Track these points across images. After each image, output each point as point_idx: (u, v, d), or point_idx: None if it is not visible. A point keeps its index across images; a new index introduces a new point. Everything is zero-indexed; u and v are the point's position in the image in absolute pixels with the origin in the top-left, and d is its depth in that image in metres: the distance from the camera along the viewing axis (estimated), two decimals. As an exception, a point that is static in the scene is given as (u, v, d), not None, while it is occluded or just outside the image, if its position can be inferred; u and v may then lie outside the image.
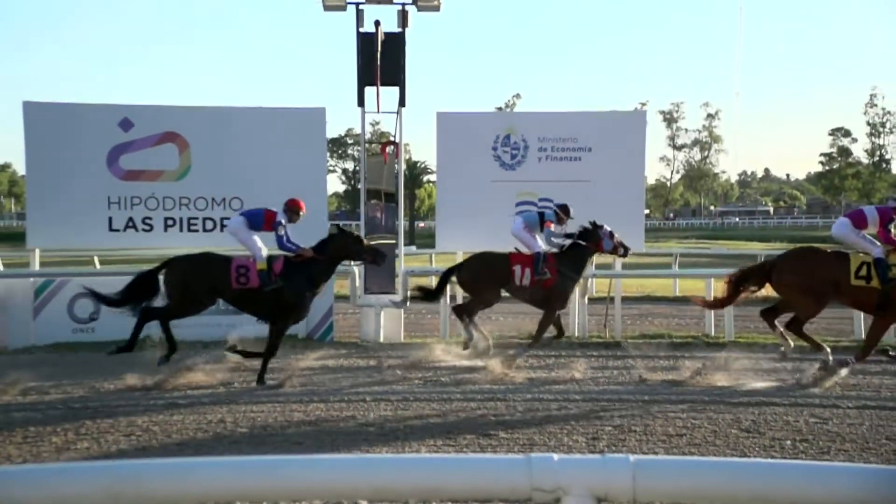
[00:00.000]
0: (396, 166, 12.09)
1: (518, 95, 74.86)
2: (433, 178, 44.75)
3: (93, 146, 11.43)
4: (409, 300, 10.78)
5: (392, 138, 12.85)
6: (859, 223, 8.45)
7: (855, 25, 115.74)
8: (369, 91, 11.61)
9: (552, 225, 9.85)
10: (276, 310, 8.62)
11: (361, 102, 11.68)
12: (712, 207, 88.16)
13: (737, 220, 77.94)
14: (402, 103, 11.72)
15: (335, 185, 76.67)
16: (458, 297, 11.56)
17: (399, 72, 11.59)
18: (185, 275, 8.63)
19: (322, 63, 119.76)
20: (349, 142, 72.03)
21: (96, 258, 18.39)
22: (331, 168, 70.69)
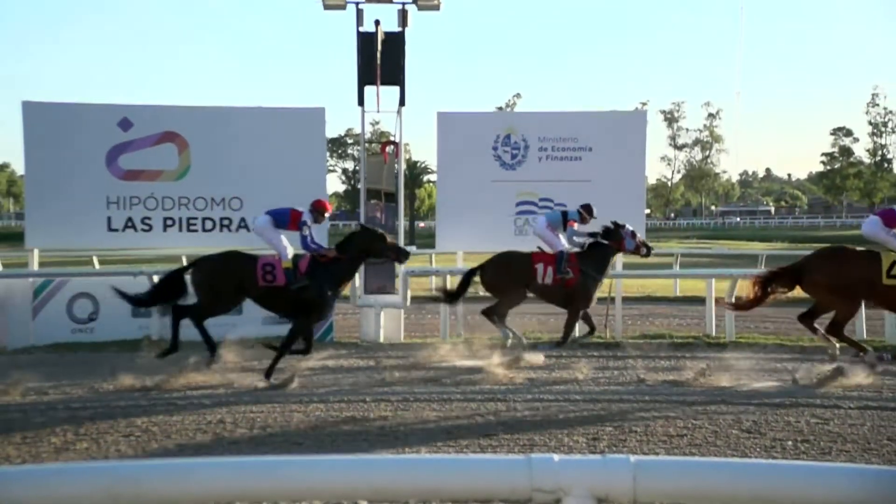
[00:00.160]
0: (396, 166, 12.08)
1: (518, 95, 74.85)
2: (433, 178, 44.91)
3: (92, 146, 11.41)
4: (431, 300, 10.75)
5: (392, 138, 12.84)
6: (890, 221, 8.29)
7: (856, 24, 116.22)
8: (369, 91, 11.63)
9: (576, 224, 9.85)
10: (300, 308, 8.62)
11: (361, 102, 11.69)
12: (713, 207, 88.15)
13: (738, 220, 77.95)
14: (402, 103, 11.73)
15: (335, 184, 76.86)
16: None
17: (399, 71, 11.59)
18: (211, 274, 8.67)
19: (322, 62, 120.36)
20: (349, 141, 71.99)
21: (95, 258, 18.40)
22: (331, 168, 70.72)
